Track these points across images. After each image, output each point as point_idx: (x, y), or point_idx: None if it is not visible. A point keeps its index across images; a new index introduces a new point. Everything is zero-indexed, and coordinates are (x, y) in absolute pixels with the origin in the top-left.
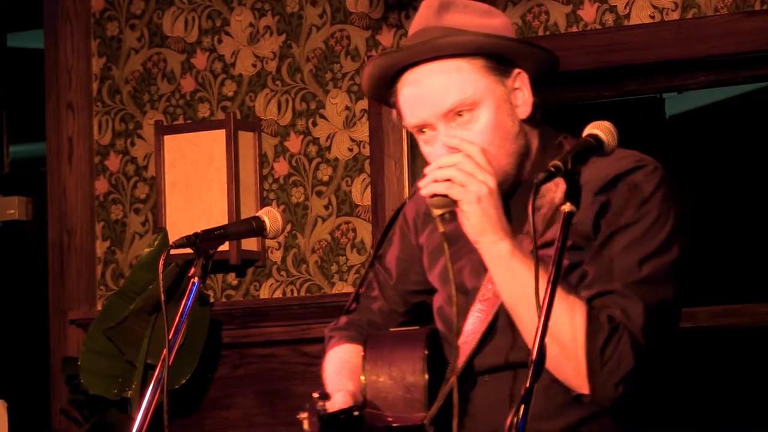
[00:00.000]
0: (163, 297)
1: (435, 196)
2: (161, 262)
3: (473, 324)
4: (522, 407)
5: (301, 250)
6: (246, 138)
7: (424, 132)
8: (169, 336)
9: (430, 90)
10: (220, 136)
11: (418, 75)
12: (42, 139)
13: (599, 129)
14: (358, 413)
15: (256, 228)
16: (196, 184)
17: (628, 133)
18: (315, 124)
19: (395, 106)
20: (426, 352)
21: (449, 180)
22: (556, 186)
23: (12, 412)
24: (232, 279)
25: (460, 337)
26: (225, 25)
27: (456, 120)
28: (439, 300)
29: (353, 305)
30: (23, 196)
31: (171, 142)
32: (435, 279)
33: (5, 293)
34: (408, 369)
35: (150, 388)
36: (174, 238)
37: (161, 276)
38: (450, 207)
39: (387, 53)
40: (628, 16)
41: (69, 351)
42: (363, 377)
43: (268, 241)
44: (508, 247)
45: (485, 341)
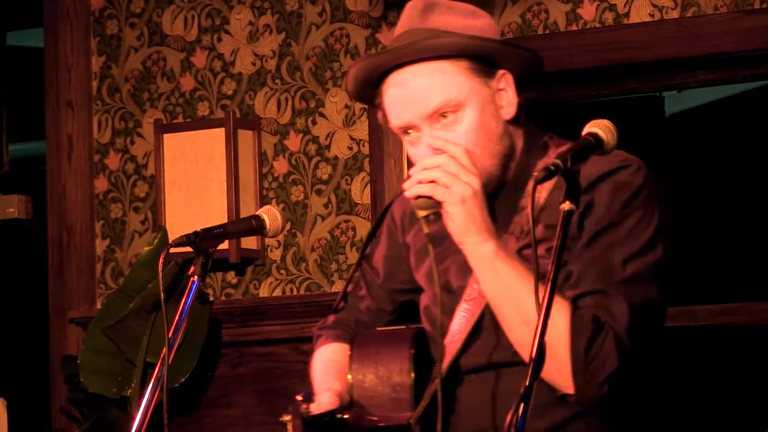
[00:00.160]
0: (163, 295)
1: (419, 197)
2: (161, 260)
3: (459, 324)
4: (522, 406)
5: (301, 248)
6: (245, 136)
7: (409, 133)
8: (169, 334)
9: (414, 92)
10: (219, 134)
11: (402, 77)
12: (42, 138)
13: (599, 127)
14: (341, 416)
15: (255, 226)
16: (195, 182)
17: (627, 132)
18: (314, 122)
19: (381, 107)
20: (412, 351)
21: (434, 181)
22: (541, 186)
23: (12, 410)
24: (231, 277)
25: (446, 337)
26: (224, 24)
27: (440, 121)
28: (426, 299)
29: (341, 304)
30: (23, 194)
31: (170, 140)
32: (421, 278)
33: (5, 292)
34: (394, 368)
35: (149, 386)
36: (173, 236)
37: (161, 274)
38: (434, 208)
39: (372, 55)
40: (627, 14)
41: (68, 349)
42: (350, 376)
43: (267, 240)
44: (492, 248)
45: (471, 341)
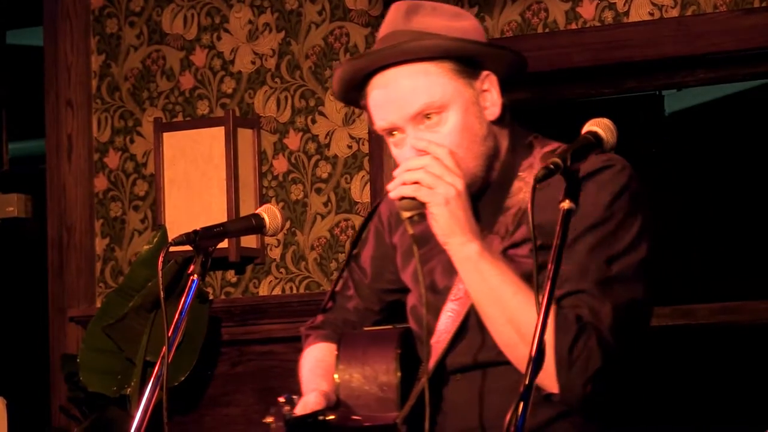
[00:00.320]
0: (163, 294)
1: (403, 198)
2: (160, 259)
3: (445, 323)
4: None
5: (301, 247)
6: (245, 135)
7: (393, 135)
8: (169, 333)
9: (398, 93)
10: (219, 133)
11: (386, 78)
12: (41, 137)
13: (598, 126)
14: (323, 417)
15: (255, 225)
16: (195, 181)
17: (627, 131)
18: (314, 121)
19: (365, 108)
20: (399, 351)
21: (418, 182)
22: (526, 185)
23: (11, 409)
24: (231, 276)
25: (432, 336)
26: (224, 23)
27: (424, 123)
28: (412, 299)
29: (329, 304)
30: (23, 193)
31: (170, 139)
32: (408, 278)
33: (5, 291)
34: (381, 368)
35: (149, 385)
36: (173, 235)
37: (160, 273)
38: (419, 209)
39: (356, 57)
40: (627, 13)
41: (68, 348)
42: (336, 376)
43: (267, 239)
44: (476, 249)
45: (457, 340)
